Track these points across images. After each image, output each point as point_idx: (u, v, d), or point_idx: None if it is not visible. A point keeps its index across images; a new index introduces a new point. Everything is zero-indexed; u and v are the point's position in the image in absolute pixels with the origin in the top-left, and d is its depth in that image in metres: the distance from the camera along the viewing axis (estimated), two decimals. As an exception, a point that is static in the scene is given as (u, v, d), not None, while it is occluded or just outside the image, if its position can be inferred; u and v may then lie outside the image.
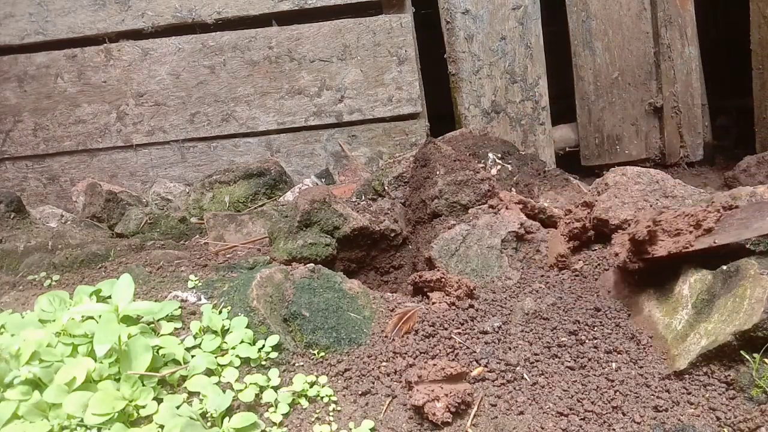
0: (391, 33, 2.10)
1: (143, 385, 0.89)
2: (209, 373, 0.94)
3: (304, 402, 0.91)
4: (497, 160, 1.84)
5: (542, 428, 0.86)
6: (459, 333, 1.02)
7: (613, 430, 0.85)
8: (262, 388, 0.92)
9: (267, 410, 0.90)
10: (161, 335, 0.99)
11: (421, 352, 0.98)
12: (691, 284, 1.02)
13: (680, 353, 0.95)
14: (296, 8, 2.10)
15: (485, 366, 0.96)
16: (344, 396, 0.93)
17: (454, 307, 1.08)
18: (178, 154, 2.18)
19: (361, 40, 2.11)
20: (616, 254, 1.11)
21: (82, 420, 0.83)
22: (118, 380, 0.89)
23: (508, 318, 1.08)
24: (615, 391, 0.92)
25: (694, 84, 2.23)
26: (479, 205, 1.45)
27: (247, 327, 1.00)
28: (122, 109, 2.15)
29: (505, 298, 1.18)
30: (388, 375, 0.96)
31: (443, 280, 1.12)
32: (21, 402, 0.84)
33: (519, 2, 2.17)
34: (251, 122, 2.16)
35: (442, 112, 2.33)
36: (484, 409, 0.90)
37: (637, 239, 1.02)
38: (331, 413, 0.90)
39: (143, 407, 0.86)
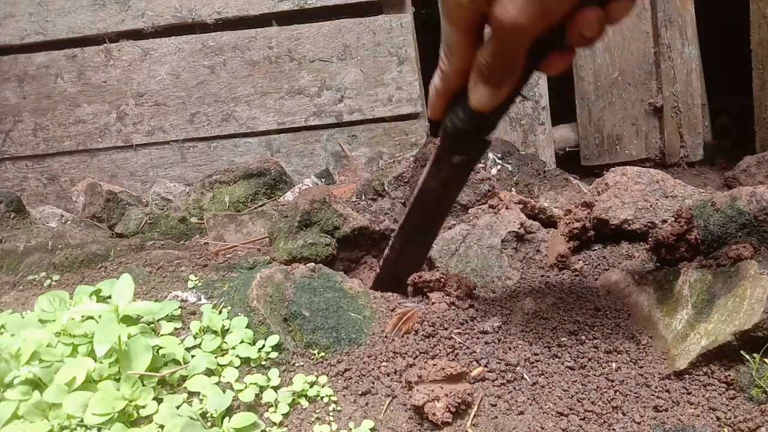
0: (391, 33, 2.11)
1: (143, 385, 0.89)
2: (209, 373, 0.94)
3: (304, 402, 0.91)
4: (497, 160, 1.84)
5: (542, 428, 0.86)
6: (459, 333, 1.02)
7: (613, 430, 0.85)
8: (262, 388, 0.92)
9: (267, 410, 0.90)
10: (161, 335, 0.99)
11: (421, 352, 0.98)
12: (691, 284, 1.03)
13: (680, 353, 0.95)
14: (296, 8, 2.10)
15: (485, 366, 0.96)
16: (344, 396, 0.93)
17: (454, 307, 1.08)
18: (178, 154, 2.18)
19: (361, 40, 2.11)
20: None
21: (82, 420, 0.83)
22: (118, 380, 0.89)
23: (508, 318, 1.08)
24: (615, 391, 0.92)
25: (694, 84, 2.23)
26: (479, 205, 1.45)
27: (247, 327, 1.00)
28: (122, 109, 2.15)
29: (505, 298, 1.18)
30: (388, 375, 0.95)
31: (443, 280, 1.12)
32: (21, 402, 0.84)
33: (519, 2, 2.17)
34: (251, 122, 2.16)
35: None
36: (484, 409, 0.90)
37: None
38: (331, 413, 0.90)
39: (143, 407, 0.86)
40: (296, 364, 0.98)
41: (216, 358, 0.96)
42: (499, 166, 1.82)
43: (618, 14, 0.70)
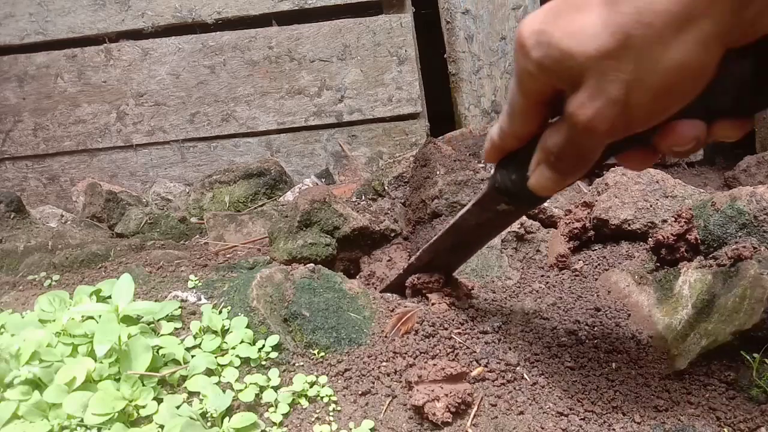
0: (391, 33, 2.11)
1: (143, 385, 0.89)
2: (209, 373, 0.94)
3: (304, 402, 0.91)
4: (497, 160, 1.84)
5: (542, 428, 0.86)
6: (459, 333, 1.02)
7: (613, 430, 0.85)
8: (262, 388, 0.92)
9: (267, 410, 0.90)
10: (161, 335, 0.99)
11: (421, 352, 0.98)
12: (691, 284, 1.03)
13: (680, 353, 0.95)
14: (296, 8, 2.10)
15: (485, 366, 0.96)
16: (344, 396, 0.93)
17: (453, 307, 1.08)
18: (178, 154, 2.18)
19: (361, 40, 2.11)
20: None
21: (82, 420, 0.83)
22: (118, 380, 0.89)
23: (508, 318, 1.08)
24: (615, 391, 0.92)
25: (694, 84, 2.23)
26: (479, 205, 1.45)
27: (247, 327, 1.00)
28: (122, 109, 2.15)
29: (505, 298, 1.18)
30: (388, 375, 0.95)
31: (442, 280, 1.12)
32: (21, 402, 0.84)
33: (519, 2, 2.17)
34: (251, 122, 2.16)
35: (442, 112, 2.34)
36: (484, 409, 0.90)
37: None
38: (331, 413, 0.90)
39: (143, 407, 0.86)
40: (296, 364, 0.98)
41: (216, 358, 0.96)
42: (499, 166, 1.81)
43: (726, 135, 0.58)
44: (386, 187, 1.70)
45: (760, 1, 0.47)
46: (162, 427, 0.84)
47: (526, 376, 0.95)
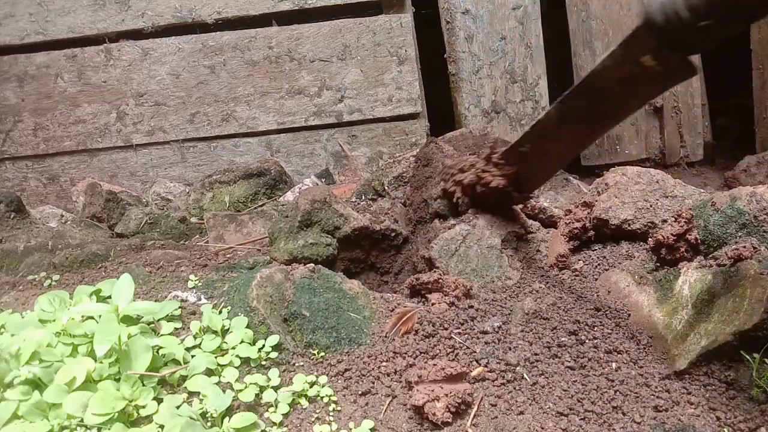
0: (391, 33, 2.10)
1: (143, 385, 0.89)
2: (209, 373, 0.94)
3: (304, 402, 0.91)
4: (497, 160, 1.84)
5: (542, 428, 0.86)
6: (459, 333, 1.02)
7: (613, 430, 0.85)
8: (262, 388, 0.92)
9: (267, 410, 0.90)
10: (161, 335, 0.99)
11: (421, 352, 0.98)
12: (691, 284, 1.03)
13: (680, 353, 0.95)
14: (296, 8, 2.10)
15: (485, 366, 0.96)
16: (344, 396, 0.93)
17: (453, 308, 1.08)
18: (178, 154, 2.18)
19: (361, 40, 2.11)
20: None
21: (82, 420, 0.83)
22: (118, 380, 0.89)
23: (508, 318, 1.08)
24: (615, 391, 0.92)
25: (694, 84, 2.23)
26: (479, 205, 1.45)
27: (247, 327, 1.00)
28: (122, 109, 2.15)
29: (505, 298, 1.18)
30: (388, 375, 0.95)
31: (440, 281, 1.12)
32: (21, 402, 0.84)
33: (519, 2, 2.17)
34: (251, 122, 2.16)
35: (442, 112, 2.34)
36: (484, 409, 0.90)
37: None
38: (331, 413, 0.90)
39: (143, 407, 0.86)
40: (296, 364, 0.98)
41: (216, 358, 0.96)
42: (499, 166, 1.81)
43: None
44: (386, 187, 1.70)
45: None
46: (162, 427, 0.84)
47: (526, 376, 0.95)
